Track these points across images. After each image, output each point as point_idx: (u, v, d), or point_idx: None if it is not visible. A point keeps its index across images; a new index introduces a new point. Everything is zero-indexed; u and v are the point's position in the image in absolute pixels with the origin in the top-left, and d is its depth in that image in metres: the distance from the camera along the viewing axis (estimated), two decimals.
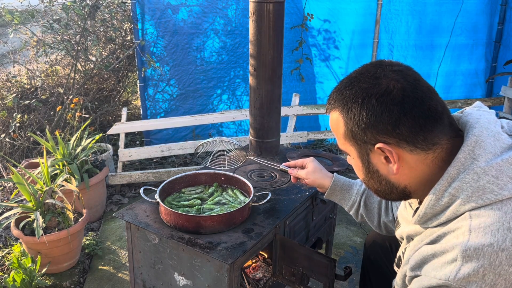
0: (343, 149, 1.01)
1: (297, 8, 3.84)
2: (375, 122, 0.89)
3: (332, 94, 0.99)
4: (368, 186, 1.03)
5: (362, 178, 1.02)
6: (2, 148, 3.49)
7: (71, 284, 2.28)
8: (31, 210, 2.23)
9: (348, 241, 2.74)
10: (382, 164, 0.94)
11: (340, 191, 1.52)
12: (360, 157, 0.97)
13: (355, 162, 1.01)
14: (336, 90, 0.98)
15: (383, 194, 1.01)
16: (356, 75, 0.95)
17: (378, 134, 0.90)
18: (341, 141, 1.00)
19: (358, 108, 0.91)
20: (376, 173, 0.97)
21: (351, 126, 0.94)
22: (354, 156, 0.99)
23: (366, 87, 0.90)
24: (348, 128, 0.94)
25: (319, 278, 1.49)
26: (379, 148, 0.91)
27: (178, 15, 3.62)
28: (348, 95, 0.93)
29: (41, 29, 3.82)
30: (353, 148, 0.97)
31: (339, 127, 0.97)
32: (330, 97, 0.99)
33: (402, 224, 1.15)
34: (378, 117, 0.89)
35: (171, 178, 1.72)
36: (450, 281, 0.81)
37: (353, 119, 0.92)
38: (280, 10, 1.94)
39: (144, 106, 3.79)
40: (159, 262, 1.53)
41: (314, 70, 4.12)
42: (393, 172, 0.93)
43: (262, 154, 2.17)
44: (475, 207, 0.85)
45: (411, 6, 4.10)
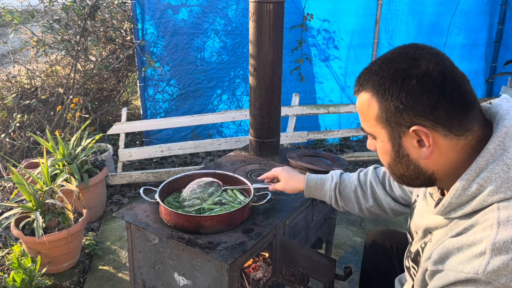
0: (370, 131, 0.98)
1: (297, 8, 3.84)
2: (413, 104, 0.87)
3: (363, 75, 0.96)
4: (391, 171, 1.00)
5: (387, 162, 0.99)
6: (2, 148, 3.49)
7: (71, 284, 2.28)
8: (31, 210, 2.23)
9: (348, 241, 2.74)
10: (413, 148, 0.92)
11: (315, 190, 1.55)
12: (391, 140, 0.94)
13: (383, 146, 0.97)
14: (368, 71, 0.95)
15: (407, 180, 0.98)
16: (392, 56, 0.92)
17: (415, 116, 0.88)
18: (369, 123, 0.96)
19: (397, 89, 0.88)
20: (406, 157, 0.94)
21: (386, 107, 0.91)
22: (384, 139, 0.95)
23: (405, 68, 0.88)
24: (383, 110, 0.91)
25: (319, 278, 1.49)
26: (414, 131, 0.89)
27: (178, 15, 3.62)
28: (385, 76, 0.90)
29: (41, 29, 3.82)
30: (384, 130, 0.94)
31: (370, 108, 0.94)
32: (360, 78, 0.96)
33: (417, 216, 1.13)
34: (417, 99, 0.87)
35: (171, 178, 1.72)
36: (479, 274, 0.79)
37: (390, 100, 0.89)
38: (280, 10, 1.94)
39: (144, 106, 3.79)
40: (159, 262, 1.53)
41: (314, 70, 4.12)
42: (425, 156, 0.91)
43: (262, 154, 2.17)
44: (504, 199, 0.84)
45: (411, 6, 4.10)
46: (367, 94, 0.94)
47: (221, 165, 2.04)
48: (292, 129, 3.65)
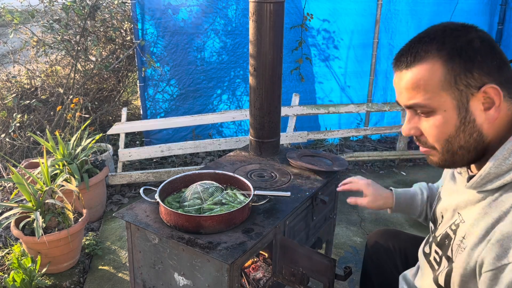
0: (431, 103, 0.92)
1: (297, 8, 3.85)
2: (482, 63, 0.88)
3: (413, 46, 0.94)
4: (450, 145, 0.94)
5: (448, 135, 0.93)
6: (2, 148, 3.49)
7: (71, 284, 2.28)
8: (31, 210, 2.23)
9: (348, 241, 2.74)
10: (479, 112, 0.90)
11: (405, 207, 1.49)
12: (458, 106, 0.90)
13: (445, 116, 0.92)
14: (419, 42, 0.93)
15: (459, 156, 0.95)
16: (438, 28, 0.93)
17: (484, 75, 0.88)
18: (431, 94, 0.91)
19: (464, 50, 0.89)
20: (472, 123, 0.91)
21: (454, 69, 0.89)
22: (448, 107, 0.91)
23: (463, 33, 0.90)
24: (450, 72, 0.89)
25: (319, 278, 1.49)
26: (485, 91, 0.88)
27: (178, 15, 3.62)
28: (447, 41, 0.90)
29: (41, 29, 3.82)
30: (450, 97, 0.90)
31: (433, 76, 0.90)
32: (411, 50, 0.93)
33: (445, 198, 1.12)
34: (485, 58, 0.88)
35: (171, 178, 1.72)
36: None
37: (458, 61, 0.88)
38: (280, 10, 1.94)
39: (144, 106, 3.79)
40: (159, 262, 1.53)
41: (314, 70, 4.13)
42: (491, 118, 0.90)
43: (262, 154, 2.17)
44: None
45: (411, 6, 4.10)
46: (427, 61, 0.91)
47: (221, 165, 2.04)
48: (292, 129, 3.65)
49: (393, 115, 4.42)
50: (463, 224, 1.00)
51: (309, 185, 1.85)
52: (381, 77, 4.30)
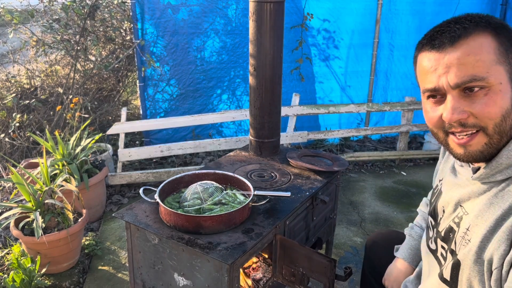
0: (488, 76, 0.88)
1: (297, 8, 3.84)
2: None
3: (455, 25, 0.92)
4: (504, 123, 0.90)
5: (505, 108, 0.89)
6: (2, 148, 3.48)
7: (71, 285, 2.28)
8: (30, 210, 2.23)
9: (348, 241, 2.73)
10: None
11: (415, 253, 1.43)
12: (511, 79, 0.89)
13: (501, 89, 0.89)
14: (455, 21, 0.93)
15: (507, 137, 0.92)
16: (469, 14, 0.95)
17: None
18: (488, 66, 0.88)
19: (505, 26, 0.90)
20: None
21: (505, 43, 0.89)
22: (503, 79, 0.88)
23: (493, 17, 0.93)
24: (503, 46, 0.89)
25: (319, 278, 1.49)
26: None
27: (178, 15, 3.62)
28: (487, 19, 0.91)
29: (41, 29, 3.82)
30: (504, 70, 0.89)
31: (488, 49, 0.89)
32: (456, 26, 0.91)
33: (446, 192, 1.11)
34: None
35: (171, 178, 1.71)
36: None
37: (506, 35, 0.89)
38: (280, 10, 1.94)
39: (144, 106, 3.79)
40: (159, 262, 1.53)
41: (314, 69, 4.12)
42: None
43: (262, 154, 2.16)
44: None
45: (411, 6, 4.10)
46: (477, 36, 0.89)
47: (221, 165, 2.04)
48: (292, 129, 3.64)
49: (393, 115, 4.41)
50: (466, 216, 0.99)
51: (309, 185, 1.84)
52: (381, 77, 4.30)
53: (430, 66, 0.94)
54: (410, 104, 3.88)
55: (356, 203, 3.26)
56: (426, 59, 0.95)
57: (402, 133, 3.97)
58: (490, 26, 0.90)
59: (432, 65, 0.93)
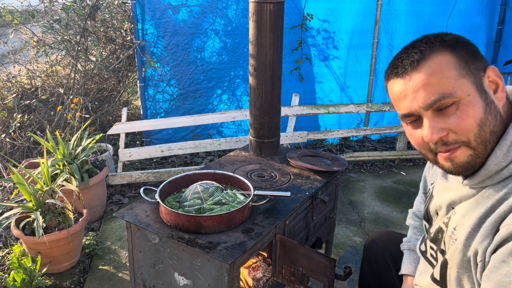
0: (456, 91, 0.91)
1: (296, 8, 3.85)
2: (475, 51, 0.95)
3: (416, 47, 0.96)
4: (482, 132, 0.92)
5: (479, 118, 0.91)
6: (3, 148, 3.49)
7: (71, 284, 2.28)
8: (31, 210, 2.24)
9: (348, 241, 2.74)
10: (492, 93, 0.94)
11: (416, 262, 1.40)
12: (478, 88, 0.92)
13: (471, 100, 0.91)
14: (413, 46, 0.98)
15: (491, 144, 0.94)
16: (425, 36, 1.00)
17: (482, 60, 0.94)
18: (453, 82, 0.91)
19: (459, 40, 0.95)
20: (493, 103, 0.93)
21: (463, 56, 0.93)
22: (471, 90, 0.91)
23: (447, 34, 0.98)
24: (462, 59, 0.92)
25: (319, 278, 1.50)
26: (489, 73, 0.93)
27: (179, 15, 3.63)
28: (441, 37, 0.96)
29: (42, 29, 3.83)
30: (469, 81, 0.92)
31: (449, 65, 0.92)
32: (414, 51, 0.96)
33: (437, 196, 1.13)
34: (473, 46, 0.96)
35: (171, 178, 1.72)
36: None
37: (462, 48, 0.93)
38: (280, 10, 1.94)
39: (144, 106, 3.79)
40: (159, 262, 1.54)
41: (314, 70, 4.13)
42: (500, 100, 0.94)
43: (262, 154, 2.17)
44: None
45: (411, 6, 4.10)
46: (436, 55, 0.93)
47: (221, 165, 2.05)
48: (292, 129, 3.65)
49: (393, 115, 4.42)
50: (454, 216, 1.03)
51: (309, 185, 1.85)
52: (381, 77, 4.30)
53: (399, 93, 0.97)
54: None
55: (356, 203, 3.27)
56: (394, 87, 0.99)
57: (401, 133, 3.98)
58: (445, 43, 0.94)
59: (401, 92, 0.97)
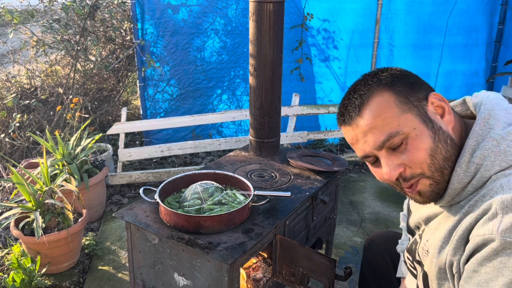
0: (401, 128, 0.93)
1: (297, 8, 3.84)
2: (414, 82, 0.98)
3: (352, 95, 0.99)
4: (435, 160, 0.94)
5: (429, 147, 0.93)
6: (2, 148, 3.48)
7: (71, 284, 2.28)
8: (30, 210, 2.23)
9: (348, 241, 2.73)
10: (439, 119, 0.96)
11: None
12: (423, 119, 0.94)
13: (417, 132, 0.93)
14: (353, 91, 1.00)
15: (448, 170, 0.96)
16: (362, 77, 1.02)
17: (422, 89, 0.97)
18: (396, 119, 0.94)
19: (395, 75, 0.98)
20: (441, 129, 0.94)
21: (402, 91, 0.95)
22: (416, 123, 0.93)
23: (382, 71, 1.01)
24: (401, 94, 0.95)
25: (319, 278, 1.49)
26: (432, 101, 0.96)
27: (178, 15, 3.62)
28: (377, 77, 0.98)
29: (41, 29, 3.82)
30: (412, 114, 0.94)
31: (389, 104, 0.95)
32: (354, 97, 0.98)
33: (415, 211, 1.15)
34: (410, 77, 0.99)
35: (171, 178, 1.71)
36: (493, 234, 0.81)
37: (399, 84, 0.96)
38: (280, 10, 1.94)
39: (144, 106, 3.79)
40: (159, 262, 1.53)
41: (314, 70, 4.12)
42: (449, 122, 0.96)
43: (262, 154, 2.17)
44: (500, 170, 0.90)
45: (411, 6, 4.10)
46: (375, 97, 0.96)
47: (221, 165, 2.04)
48: (292, 129, 3.64)
49: None
50: (428, 228, 1.06)
51: (309, 185, 1.84)
52: None
53: (351, 139, 1.01)
54: None
55: (356, 203, 3.26)
56: (346, 134, 1.03)
57: None
58: (381, 83, 0.96)
59: (352, 137, 1.01)
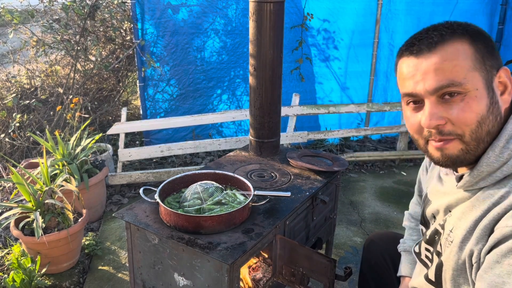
0: (465, 82, 0.89)
1: (297, 8, 3.84)
2: (494, 48, 0.93)
3: (432, 32, 0.93)
4: (480, 129, 0.90)
5: (480, 115, 0.89)
6: (2, 148, 3.48)
7: (71, 285, 2.28)
8: (30, 210, 2.23)
9: (348, 241, 2.73)
10: (498, 93, 0.93)
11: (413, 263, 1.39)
12: (487, 86, 0.90)
13: (477, 95, 0.89)
14: (434, 28, 0.94)
15: (484, 143, 0.93)
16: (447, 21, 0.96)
17: (498, 59, 0.93)
18: (465, 72, 0.89)
19: (481, 33, 0.93)
20: (497, 104, 0.91)
21: (481, 49, 0.91)
22: (479, 85, 0.89)
23: (470, 24, 0.96)
24: (479, 52, 0.90)
25: (319, 278, 1.49)
26: (501, 74, 0.92)
27: (178, 15, 3.62)
28: (464, 26, 0.93)
29: (41, 29, 3.82)
30: (481, 76, 0.90)
31: (465, 55, 0.90)
32: (434, 33, 0.92)
33: (435, 200, 1.13)
34: (493, 43, 0.94)
35: (171, 178, 1.71)
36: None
37: (482, 42, 0.91)
38: (280, 10, 1.94)
39: (144, 106, 3.79)
40: (159, 262, 1.53)
41: (314, 70, 4.12)
42: (505, 103, 0.93)
43: (262, 154, 2.17)
44: None
45: (411, 6, 4.10)
46: (455, 42, 0.91)
47: (221, 165, 2.04)
48: (292, 129, 3.64)
49: (394, 115, 4.41)
50: (450, 218, 1.03)
51: (309, 185, 1.84)
52: (381, 77, 4.30)
53: (408, 72, 0.95)
54: None
55: (356, 203, 3.26)
56: (405, 65, 0.97)
57: (402, 133, 3.98)
58: (467, 33, 0.92)
59: (410, 71, 0.95)
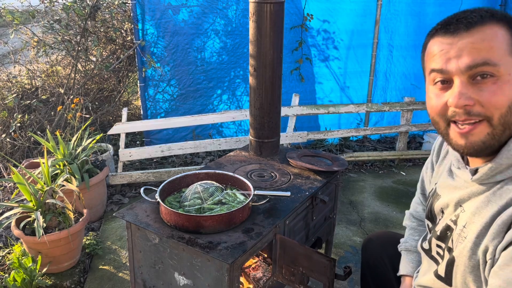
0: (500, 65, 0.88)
1: (297, 8, 3.85)
2: None
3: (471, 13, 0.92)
4: (509, 112, 0.89)
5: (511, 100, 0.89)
6: (3, 148, 3.49)
7: (72, 284, 2.29)
8: (31, 210, 2.24)
9: (348, 241, 2.74)
10: None
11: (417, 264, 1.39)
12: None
13: (510, 80, 0.89)
14: (471, 11, 0.93)
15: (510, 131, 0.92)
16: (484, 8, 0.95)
17: None
18: (501, 56, 0.88)
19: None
20: None
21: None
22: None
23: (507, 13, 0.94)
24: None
25: (319, 277, 1.50)
26: None
27: (179, 16, 3.63)
28: (501, 14, 0.92)
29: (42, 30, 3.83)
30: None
31: (502, 39, 0.89)
32: (473, 14, 0.92)
33: (445, 194, 1.11)
34: None
35: (171, 178, 1.72)
36: None
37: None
38: (280, 11, 1.94)
39: (145, 106, 3.80)
40: (160, 261, 1.54)
41: (314, 70, 4.13)
42: None
43: (262, 154, 2.17)
44: None
45: (410, 7, 4.11)
46: (492, 26, 0.90)
47: (221, 165, 2.05)
48: (292, 129, 3.65)
49: (393, 115, 4.42)
50: (463, 214, 1.01)
51: (309, 185, 1.85)
52: (380, 77, 4.31)
53: (441, 49, 0.93)
54: (409, 104, 3.88)
55: (356, 203, 3.27)
56: (438, 43, 0.95)
57: (401, 133, 3.98)
58: (506, 19, 0.91)
59: (444, 48, 0.93)
